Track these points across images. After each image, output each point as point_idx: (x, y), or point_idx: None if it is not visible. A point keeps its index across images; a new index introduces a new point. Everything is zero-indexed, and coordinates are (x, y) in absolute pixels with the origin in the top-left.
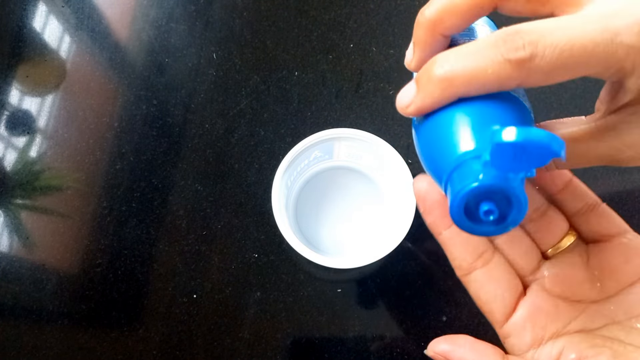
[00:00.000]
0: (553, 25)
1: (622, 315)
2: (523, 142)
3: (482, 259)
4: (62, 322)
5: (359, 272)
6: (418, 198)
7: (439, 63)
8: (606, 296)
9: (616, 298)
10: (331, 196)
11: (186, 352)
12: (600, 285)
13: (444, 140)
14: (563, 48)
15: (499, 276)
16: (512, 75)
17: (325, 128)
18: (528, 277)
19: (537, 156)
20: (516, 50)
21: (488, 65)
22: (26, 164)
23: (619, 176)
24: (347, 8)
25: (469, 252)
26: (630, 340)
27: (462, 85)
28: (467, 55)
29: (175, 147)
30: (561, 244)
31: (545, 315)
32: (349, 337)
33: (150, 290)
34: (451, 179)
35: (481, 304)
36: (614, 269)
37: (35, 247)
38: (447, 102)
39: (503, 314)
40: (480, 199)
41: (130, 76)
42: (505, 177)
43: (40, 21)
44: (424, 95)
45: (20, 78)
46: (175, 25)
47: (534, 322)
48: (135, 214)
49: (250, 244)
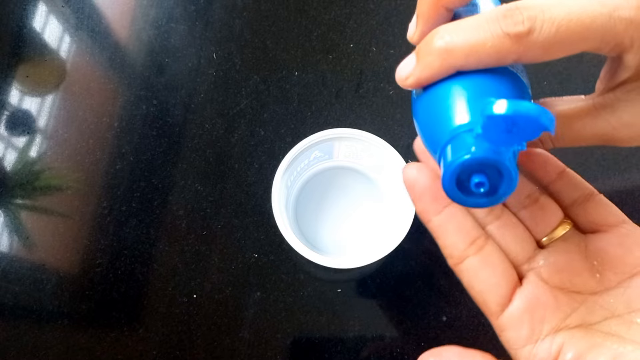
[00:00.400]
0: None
1: (622, 309)
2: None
3: (475, 246)
4: (62, 322)
5: (359, 272)
6: (407, 185)
7: (439, 35)
8: (605, 288)
9: (616, 290)
10: (331, 196)
11: (186, 352)
12: (599, 277)
13: (439, 113)
14: (561, 23)
15: (494, 263)
16: (510, 49)
17: (325, 128)
18: (523, 266)
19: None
20: (515, 25)
21: (487, 38)
22: (26, 164)
23: (619, 176)
24: (347, 8)
25: (461, 238)
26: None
27: (461, 57)
28: (468, 28)
29: (175, 147)
30: (556, 232)
31: (544, 307)
32: (349, 337)
33: (150, 290)
34: (444, 152)
35: (475, 294)
36: (613, 260)
37: (35, 247)
38: (446, 74)
39: (498, 304)
40: (471, 171)
41: (130, 76)
42: (496, 150)
43: (40, 21)
44: (423, 67)
45: (20, 78)
46: (175, 25)
47: (532, 313)
48: (135, 214)
49: (250, 244)
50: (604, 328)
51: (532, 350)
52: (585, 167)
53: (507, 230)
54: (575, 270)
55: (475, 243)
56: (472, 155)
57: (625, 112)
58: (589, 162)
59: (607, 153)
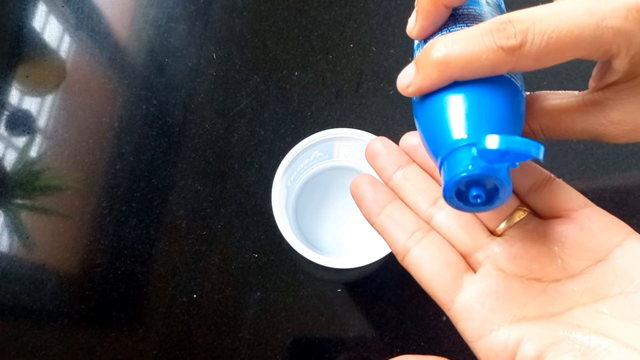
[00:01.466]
0: (543, 12)
1: (587, 298)
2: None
3: (414, 237)
4: (62, 322)
5: (359, 272)
6: (353, 193)
7: (437, 47)
8: (568, 275)
9: (580, 277)
10: (331, 196)
11: (186, 352)
12: (561, 263)
13: (439, 123)
14: (551, 35)
15: (435, 252)
16: (504, 61)
17: (325, 128)
18: (477, 254)
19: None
20: (508, 39)
21: (482, 51)
22: (26, 164)
23: (619, 175)
24: (347, 8)
25: (402, 231)
26: (596, 327)
27: (458, 69)
28: (463, 41)
29: (175, 147)
30: (512, 219)
31: (496, 295)
32: (349, 337)
33: (150, 290)
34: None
35: (425, 287)
36: (575, 246)
37: (35, 247)
38: (444, 84)
39: (446, 293)
40: (469, 185)
41: (130, 76)
42: (491, 168)
43: (40, 21)
44: (422, 77)
45: (20, 78)
46: (175, 25)
47: (483, 302)
48: (135, 214)
49: (250, 244)
50: (568, 319)
51: (487, 342)
52: (586, 167)
53: (453, 219)
54: (533, 256)
55: (414, 235)
56: (468, 173)
57: (614, 110)
58: (589, 162)
59: (607, 153)
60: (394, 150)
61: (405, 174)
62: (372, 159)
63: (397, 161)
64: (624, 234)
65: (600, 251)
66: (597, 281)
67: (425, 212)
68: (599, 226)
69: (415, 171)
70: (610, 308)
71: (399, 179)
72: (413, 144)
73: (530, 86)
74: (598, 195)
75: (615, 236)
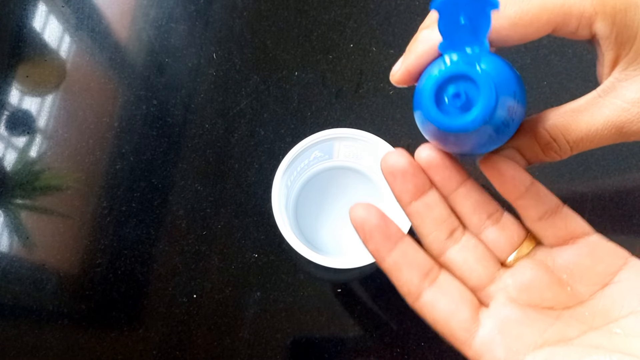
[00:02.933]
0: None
1: (599, 321)
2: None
3: (429, 278)
4: (62, 322)
5: (359, 272)
6: (356, 226)
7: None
8: (579, 301)
9: (590, 303)
10: (331, 196)
11: (186, 352)
12: (571, 290)
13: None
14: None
15: (450, 290)
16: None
17: (325, 128)
18: (490, 287)
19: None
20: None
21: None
22: (26, 164)
23: (619, 176)
24: (347, 8)
25: (415, 272)
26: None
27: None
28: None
29: (175, 147)
30: (521, 250)
31: (517, 324)
32: (349, 337)
33: (150, 290)
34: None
35: (440, 328)
36: (583, 272)
37: (35, 247)
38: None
39: (464, 330)
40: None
41: (130, 76)
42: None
43: (40, 21)
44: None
45: (20, 78)
46: (175, 25)
47: (504, 333)
48: (135, 214)
49: (250, 244)
50: (586, 342)
51: None
52: (586, 167)
53: (468, 252)
54: (544, 285)
55: (428, 275)
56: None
57: (629, 90)
58: (588, 162)
59: (607, 153)
60: (417, 171)
61: (428, 202)
62: (393, 179)
63: (421, 185)
64: (625, 257)
65: (606, 275)
66: (607, 304)
67: (440, 243)
68: (603, 252)
69: (437, 199)
70: (623, 328)
71: (420, 206)
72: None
73: (530, 86)
74: (598, 195)
75: (618, 260)
